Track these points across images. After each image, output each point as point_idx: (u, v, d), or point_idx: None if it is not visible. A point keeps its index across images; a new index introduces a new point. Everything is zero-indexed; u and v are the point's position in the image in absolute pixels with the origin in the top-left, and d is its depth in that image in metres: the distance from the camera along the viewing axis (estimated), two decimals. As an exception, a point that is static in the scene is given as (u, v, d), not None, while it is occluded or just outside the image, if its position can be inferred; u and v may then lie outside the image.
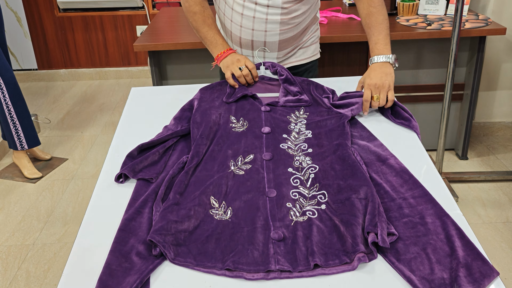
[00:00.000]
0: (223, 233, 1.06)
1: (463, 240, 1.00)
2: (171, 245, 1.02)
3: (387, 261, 0.98)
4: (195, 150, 1.30)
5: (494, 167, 2.86)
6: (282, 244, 1.02)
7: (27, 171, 2.91)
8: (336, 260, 0.98)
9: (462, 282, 0.91)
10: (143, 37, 2.54)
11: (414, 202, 1.11)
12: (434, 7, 2.75)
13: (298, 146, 1.34)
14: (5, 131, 2.85)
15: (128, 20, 4.18)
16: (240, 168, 1.25)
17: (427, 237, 1.02)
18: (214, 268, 0.99)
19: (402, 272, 0.95)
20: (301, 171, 1.24)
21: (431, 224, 1.05)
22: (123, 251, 1.02)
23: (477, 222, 2.43)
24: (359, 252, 0.98)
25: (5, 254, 2.32)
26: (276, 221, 1.08)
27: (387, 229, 1.02)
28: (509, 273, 2.12)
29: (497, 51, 2.94)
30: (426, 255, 0.98)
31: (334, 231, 1.05)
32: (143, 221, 1.09)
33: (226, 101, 1.54)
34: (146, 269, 0.98)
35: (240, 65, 1.59)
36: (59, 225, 2.50)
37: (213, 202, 1.15)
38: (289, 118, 1.47)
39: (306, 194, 1.17)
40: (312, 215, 1.10)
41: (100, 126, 3.56)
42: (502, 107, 3.11)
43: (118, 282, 0.95)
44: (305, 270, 0.97)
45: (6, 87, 2.70)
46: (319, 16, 1.98)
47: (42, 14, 4.16)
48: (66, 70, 4.37)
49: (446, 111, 2.48)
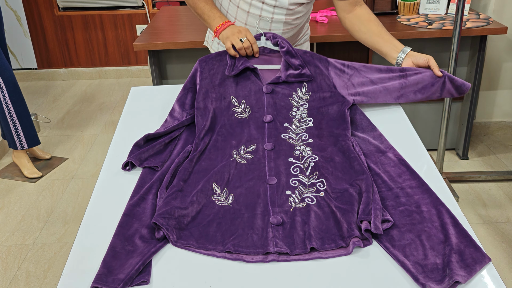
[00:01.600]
0: (224, 218, 1.10)
1: (457, 228, 1.03)
2: (174, 228, 1.06)
3: (382, 246, 1.01)
4: (199, 140, 1.34)
5: (494, 166, 2.86)
6: (280, 228, 1.06)
7: (27, 171, 2.90)
8: (332, 244, 1.01)
9: (454, 267, 0.93)
10: (143, 36, 2.54)
11: (411, 192, 1.14)
12: (435, 6, 2.74)
13: (299, 136, 1.36)
14: (4, 130, 2.85)
15: (128, 19, 4.18)
16: (243, 157, 1.29)
17: (422, 224, 1.05)
18: (214, 251, 1.02)
19: (396, 257, 0.98)
20: (301, 159, 1.27)
21: (426, 212, 1.08)
22: (126, 234, 1.05)
23: (478, 222, 2.42)
24: (354, 237, 1.01)
25: (5, 253, 2.32)
26: (276, 207, 1.12)
27: (381, 216, 1.05)
28: (509, 273, 2.11)
29: (498, 50, 2.94)
30: (420, 241, 1.01)
31: (331, 217, 1.08)
32: (147, 207, 1.13)
33: (228, 74, 1.50)
34: (149, 252, 1.01)
35: (241, 37, 1.54)
36: (59, 225, 2.50)
37: (216, 188, 1.19)
38: (291, 100, 1.46)
39: (306, 182, 1.20)
40: (310, 202, 1.13)
41: (100, 126, 3.55)
42: (503, 106, 3.10)
43: (121, 264, 0.98)
44: (302, 253, 1.01)
45: (6, 86, 2.69)
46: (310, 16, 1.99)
47: (42, 13, 4.16)
48: (66, 69, 4.37)
49: (446, 111, 2.48)
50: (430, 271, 0.94)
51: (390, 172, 1.22)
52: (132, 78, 4.41)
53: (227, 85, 1.50)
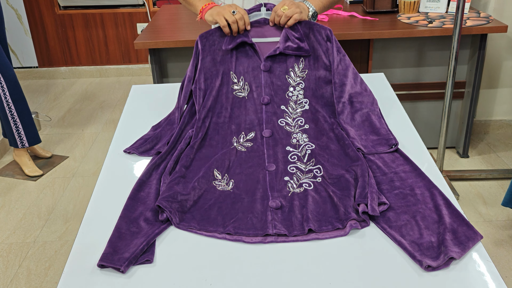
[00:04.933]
0: (225, 202, 1.15)
1: (450, 209, 1.08)
2: (177, 211, 1.11)
3: (379, 227, 1.06)
4: (199, 123, 1.39)
5: (495, 165, 2.86)
6: (279, 212, 1.10)
7: (28, 169, 2.91)
8: (329, 226, 1.06)
9: (449, 244, 0.98)
10: (143, 35, 2.54)
11: (404, 176, 1.19)
12: (435, 5, 2.74)
13: (295, 121, 1.40)
14: (5, 129, 2.85)
15: (128, 17, 4.18)
16: (243, 145, 1.34)
17: (417, 206, 1.09)
18: (215, 232, 1.07)
19: (393, 237, 1.02)
20: (298, 148, 1.33)
21: (420, 195, 1.12)
22: (132, 217, 1.11)
23: (478, 220, 2.43)
24: (351, 219, 1.05)
25: (6, 252, 2.33)
26: (275, 192, 1.17)
27: (378, 199, 1.10)
28: (509, 272, 2.11)
29: (499, 49, 2.94)
30: (415, 222, 1.05)
31: (328, 201, 1.13)
32: (151, 192, 1.18)
33: (225, 48, 1.49)
34: (153, 233, 1.06)
35: (233, 9, 1.48)
36: (60, 223, 2.51)
37: (217, 174, 1.24)
38: (287, 78, 1.47)
39: (303, 168, 1.25)
40: (308, 187, 1.18)
41: (100, 124, 3.55)
42: (503, 105, 3.10)
43: (126, 244, 1.03)
44: (300, 235, 1.05)
45: (7, 84, 2.69)
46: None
47: (43, 11, 4.16)
48: (67, 68, 4.37)
49: (447, 109, 2.48)
50: (426, 249, 0.98)
51: (384, 157, 1.27)
52: (132, 76, 4.41)
53: (227, 61, 1.50)
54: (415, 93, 2.78)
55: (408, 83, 2.75)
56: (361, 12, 2.79)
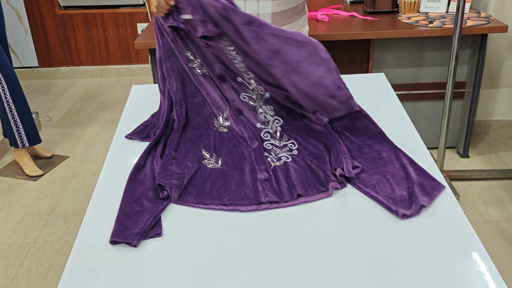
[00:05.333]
0: (217, 178, 1.23)
1: (414, 167, 1.21)
2: (176, 187, 1.17)
3: (356, 187, 1.19)
4: (177, 106, 1.43)
5: (495, 165, 2.86)
6: (268, 183, 1.20)
7: (28, 169, 2.91)
8: (314, 190, 1.17)
9: (418, 195, 1.12)
10: (144, 35, 2.54)
11: (371, 143, 1.31)
12: (436, 5, 2.74)
13: (256, 92, 1.42)
14: (6, 128, 2.85)
15: (129, 17, 4.18)
16: (223, 126, 1.41)
17: (386, 167, 1.23)
18: (212, 204, 1.15)
19: (369, 194, 1.16)
20: (267, 124, 1.39)
21: (387, 157, 1.26)
22: (134, 198, 1.16)
23: (478, 220, 2.42)
24: (331, 181, 1.17)
25: (6, 252, 2.33)
26: (261, 165, 1.26)
27: (351, 164, 1.22)
28: (510, 272, 2.11)
29: (499, 49, 2.94)
30: (387, 180, 1.19)
31: (307, 169, 1.24)
32: (147, 173, 1.25)
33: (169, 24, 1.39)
34: (157, 209, 1.12)
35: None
36: (60, 223, 2.51)
37: (205, 154, 1.32)
38: (223, 50, 1.35)
39: (278, 144, 1.35)
40: (287, 159, 1.29)
41: (101, 124, 3.56)
42: (503, 105, 3.10)
43: (134, 221, 1.08)
44: (290, 200, 1.15)
45: (7, 84, 2.69)
46: (308, 14, 1.94)
47: (43, 11, 4.16)
48: (67, 68, 4.37)
49: (447, 109, 2.48)
50: (399, 201, 1.12)
51: (351, 128, 1.35)
52: (133, 76, 4.41)
53: (177, 40, 1.42)
54: (416, 93, 2.78)
55: (409, 83, 2.75)
56: (361, 12, 2.79)
